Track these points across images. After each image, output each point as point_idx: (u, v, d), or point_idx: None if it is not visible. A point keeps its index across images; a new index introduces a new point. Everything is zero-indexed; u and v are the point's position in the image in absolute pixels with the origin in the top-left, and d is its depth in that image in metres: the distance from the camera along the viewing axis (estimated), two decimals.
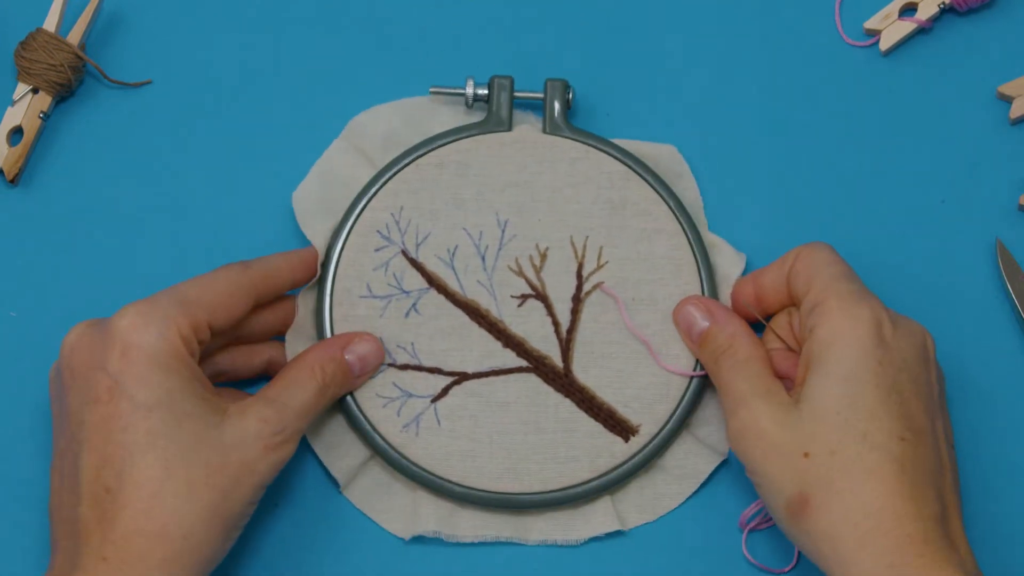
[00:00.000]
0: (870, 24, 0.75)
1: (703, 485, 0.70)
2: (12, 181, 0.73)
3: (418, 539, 0.69)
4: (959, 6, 0.75)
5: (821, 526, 0.59)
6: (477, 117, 0.73)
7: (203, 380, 0.62)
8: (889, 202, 0.74)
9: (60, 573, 0.59)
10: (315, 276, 0.70)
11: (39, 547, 0.68)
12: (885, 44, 0.75)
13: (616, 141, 0.73)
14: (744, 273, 0.71)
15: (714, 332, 0.66)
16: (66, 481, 0.61)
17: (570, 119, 0.73)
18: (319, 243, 0.70)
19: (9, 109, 0.74)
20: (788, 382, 0.65)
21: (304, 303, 0.71)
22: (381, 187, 0.71)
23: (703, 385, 0.70)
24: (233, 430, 0.61)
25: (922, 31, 0.76)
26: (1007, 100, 0.74)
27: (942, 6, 0.75)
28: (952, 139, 0.74)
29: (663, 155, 0.73)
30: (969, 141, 0.74)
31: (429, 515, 0.68)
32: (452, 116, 0.74)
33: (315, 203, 0.72)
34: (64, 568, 0.59)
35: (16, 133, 0.74)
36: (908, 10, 0.75)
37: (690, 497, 0.70)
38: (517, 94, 0.73)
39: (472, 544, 0.69)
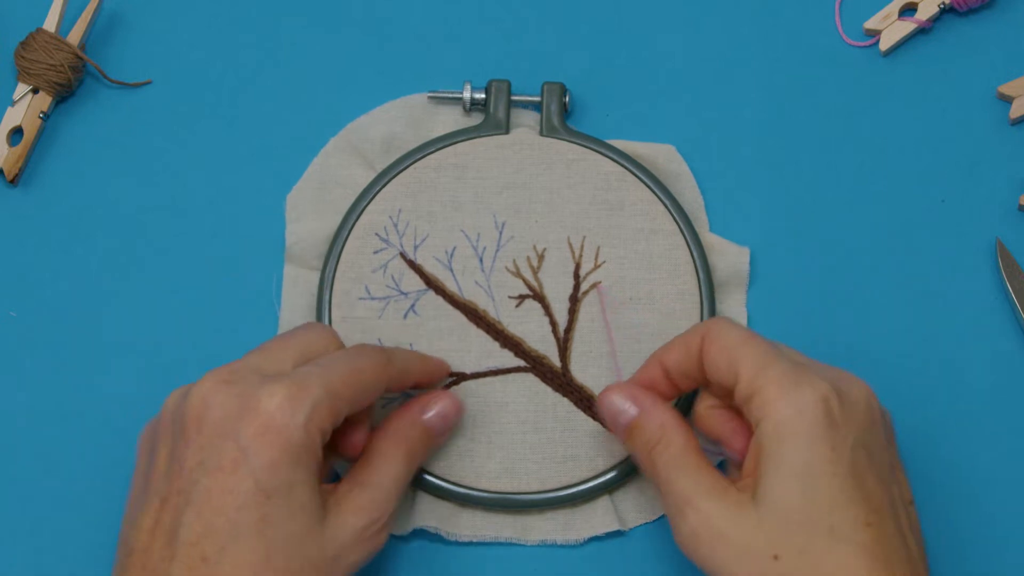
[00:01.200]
0: (870, 24, 0.75)
1: None
2: (12, 181, 0.74)
3: (418, 538, 0.69)
4: (959, 6, 0.75)
5: None
6: (475, 119, 0.73)
7: (319, 471, 0.60)
8: (889, 202, 0.74)
9: None
10: (439, 383, 0.69)
11: (39, 546, 0.68)
12: (885, 44, 0.75)
13: (614, 141, 0.73)
14: (750, 270, 0.72)
15: (642, 422, 0.62)
16: (160, 531, 0.58)
17: (569, 119, 0.74)
18: (302, 243, 0.71)
19: (9, 109, 0.74)
20: (732, 449, 0.62)
21: (300, 305, 0.71)
22: (379, 190, 0.72)
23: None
24: (333, 524, 0.59)
25: (922, 31, 0.75)
26: (1007, 100, 0.74)
27: (942, 6, 0.75)
28: (952, 139, 0.74)
29: (661, 155, 0.73)
30: (969, 141, 0.74)
31: (429, 514, 0.68)
32: (450, 118, 0.74)
33: (309, 204, 0.72)
34: None
35: (16, 133, 0.74)
36: (908, 10, 0.75)
37: None
38: (514, 97, 0.73)
39: (472, 544, 0.69)
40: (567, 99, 0.73)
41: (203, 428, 0.58)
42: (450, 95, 0.74)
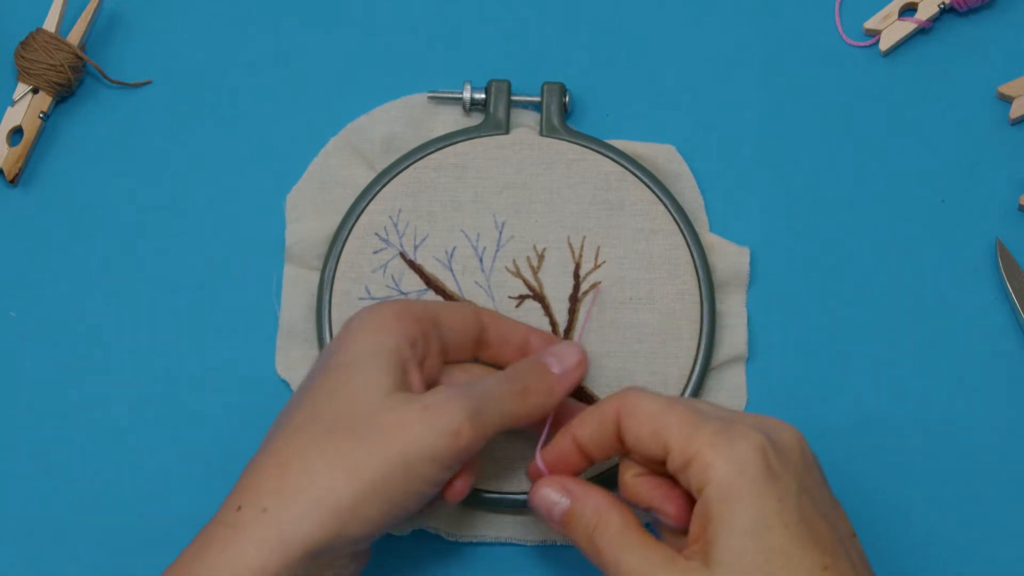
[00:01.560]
0: (870, 24, 0.75)
1: None
2: (12, 181, 0.74)
3: (418, 538, 0.69)
4: (959, 6, 0.75)
5: None
6: (475, 119, 0.73)
7: (413, 376, 0.61)
8: (889, 202, 0.74)
9: (220, 516, 0.58)
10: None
11: (39, 546, 0.69)
12: (885, 44, 0.75)
13: (614, 141, 0.73)
14: (750, 270, 0.72)
15: (577, 509, 0.60)
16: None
17: (569, 119, 0.74)
18: (302, 243, 0.71)
19: (9, 109, 0.74)
20: (665, 515, 0.60)
21: (300, 305, 0.71)
22: (379, 190, 0.72)
23: (702, 384, 0.70)
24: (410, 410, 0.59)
25: (922, 31, 0.75)
26: (1007, 100, 0.74)
27: (942, 6, 0.75)
28: (952, 139, 0.74)
29: (661, 155, 0.73)
30: (969, 141, 0.74)
31: (429, 514, 0.68)
32: (450, 118, 0.74)
33: (309, 204, 0.72)
34: (227, 510, 0.58)
35: (16, 133, 0.74)
36: (908, 10, 0.75)
37: None
38: (514, 97, 0.73)
39: (472, 544, 0.69)
40: (567, 99, 0.73)
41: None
42: (450, 95, 0.74)
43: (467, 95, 0.73)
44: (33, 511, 0.69)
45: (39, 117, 0.74)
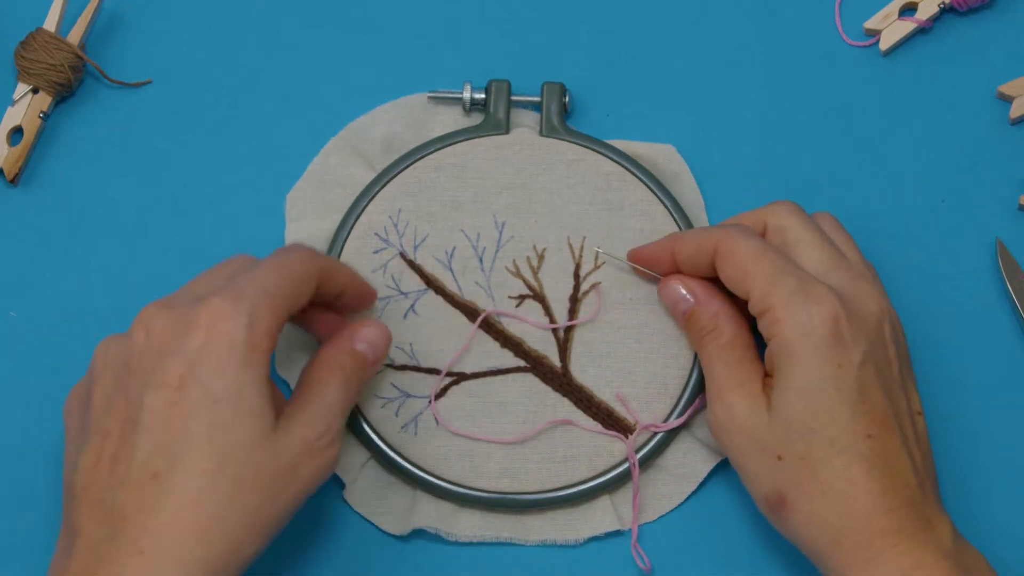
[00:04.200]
0: (870, 24, 0.75)
1: (702, 485, 0.70)
2: (12, 181, 0.74)
3: (418, 539, 0.69)
4: (959, 6, 0.75)
5: (798, 524, 0.61)
6: (475, 119, 0.73)
7: (269, 378, 0.60)
8: (889, 202, 0.74)
9: (82, 564, 0.56)
10: (368, 308, 0.70)
11: (39, 546, 0.68)
12: (885, 44, 0.75)
13: (614, 141, 0.73)
14: None
15: (697, 312, 0.66)
16: (104, 463, 0.57)
17: (569, 119, 0.74)
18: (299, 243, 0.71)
19: (9, 109, 0.74)
20: None
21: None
22: (379, 190, 0.72)
23: (702, 384, 0.70)
24: (283, 435, 0.59)
25: (922, 31, 0.75)
26: (1007, 100, 0.74)
27: (942, 6, 0.75)
28: (952, 139, 0.74)
29: (661, 155, 0.73)
30: (969, 141, 0.74)
31: (428, 514, 0.68)
32: (450, 118, 0.74)
33: (308, 204, 0.72)
34: (86, 558, 0.56)
35: (16, 133, 0.74)
36: (908, 10, 0.75)
37: (689, 497, 0.70)
38: (514, 97, 0.73)
39: (472, 544, 0.69)
40: (567, 99, 0.73)
41: (146, 353, 0.58)
42: (450, 95, 0.74)
43: (467, 95, 0.73)
44: (33, 511, 0.69)
45: (39, 117, 0.74)
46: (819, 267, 0.64)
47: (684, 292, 0.67)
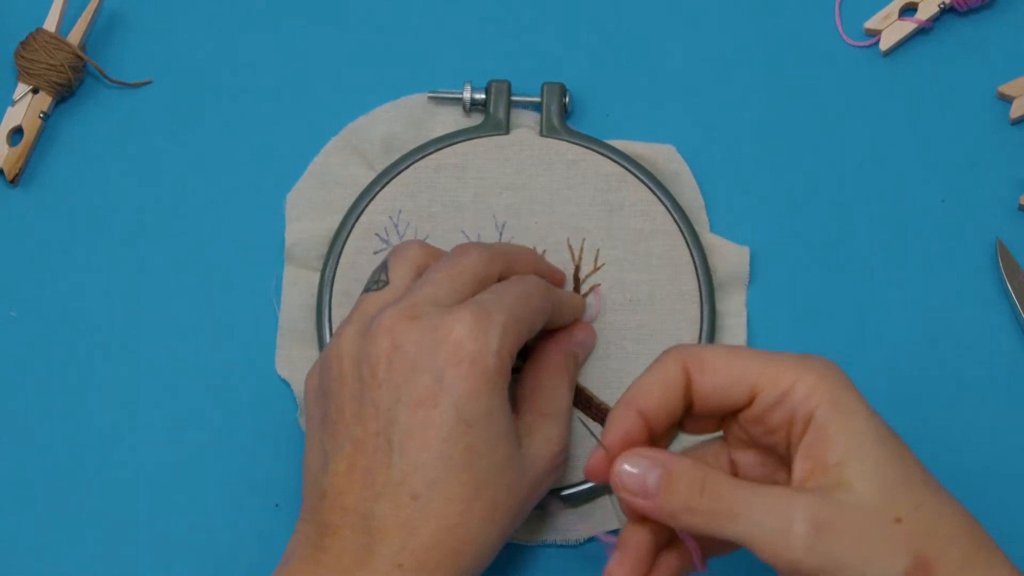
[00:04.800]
0: (870, 24, 0.75)
1: None
2: (12, 181, 0.74)
3: None
4: (959, 6, 0.75)
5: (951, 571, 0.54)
6: (475, 119, 0.73)
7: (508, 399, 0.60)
8: (889, 202, 0.74)
9: (339, 564, 0.57)
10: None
11: (39, 546, 0.69)
12: (885, 44, 0.75)
13: (614, 141, 0.73)
14: (750, 270, 0.72)
15: (677, 471, 0.54)
16: (357, 473, 0.57)
17: (569, 119, 0.74)
18: (302, 243, 0.71)
19: (9, 109, 0.74)
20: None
21: (300, 305, 0.71)
22: (379, 190, 0.72)
23: None
24: (528, 452, 0.60)
25: (922, 31, 0.75)
26: (1007, 100, 0.74)
27: (942, 6, 0.75)
28: (952, 139, 0.74)
29: (661, 155, 0.73)
30: (969, 141, 0.74)
31: None
32: (450, 118, 0.74)
33: (308, 204, 0.72)
34: (344, 559, 0.57)
35: (16, 133, 0.74)
36: (908, 10, 0.75)
37: None
38: (514, 97, 0.73)
39: None
40: (567, 99, 0.73)
41: (395, 365, 0.58)
42: (450, 95, 0.74)
43: (467, 95, 0.73)
44: (33, 511, 0.69)
45: (39, 117, 0.74)
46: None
47: (647, 462, 0.54)
